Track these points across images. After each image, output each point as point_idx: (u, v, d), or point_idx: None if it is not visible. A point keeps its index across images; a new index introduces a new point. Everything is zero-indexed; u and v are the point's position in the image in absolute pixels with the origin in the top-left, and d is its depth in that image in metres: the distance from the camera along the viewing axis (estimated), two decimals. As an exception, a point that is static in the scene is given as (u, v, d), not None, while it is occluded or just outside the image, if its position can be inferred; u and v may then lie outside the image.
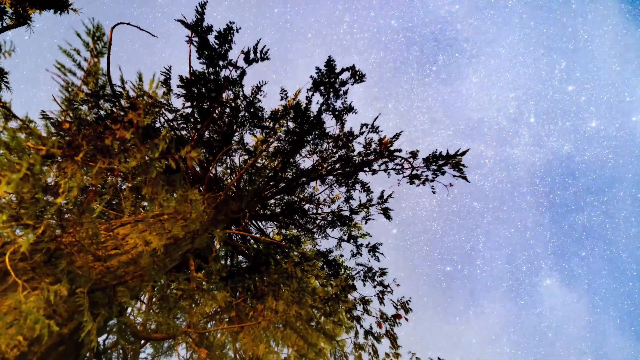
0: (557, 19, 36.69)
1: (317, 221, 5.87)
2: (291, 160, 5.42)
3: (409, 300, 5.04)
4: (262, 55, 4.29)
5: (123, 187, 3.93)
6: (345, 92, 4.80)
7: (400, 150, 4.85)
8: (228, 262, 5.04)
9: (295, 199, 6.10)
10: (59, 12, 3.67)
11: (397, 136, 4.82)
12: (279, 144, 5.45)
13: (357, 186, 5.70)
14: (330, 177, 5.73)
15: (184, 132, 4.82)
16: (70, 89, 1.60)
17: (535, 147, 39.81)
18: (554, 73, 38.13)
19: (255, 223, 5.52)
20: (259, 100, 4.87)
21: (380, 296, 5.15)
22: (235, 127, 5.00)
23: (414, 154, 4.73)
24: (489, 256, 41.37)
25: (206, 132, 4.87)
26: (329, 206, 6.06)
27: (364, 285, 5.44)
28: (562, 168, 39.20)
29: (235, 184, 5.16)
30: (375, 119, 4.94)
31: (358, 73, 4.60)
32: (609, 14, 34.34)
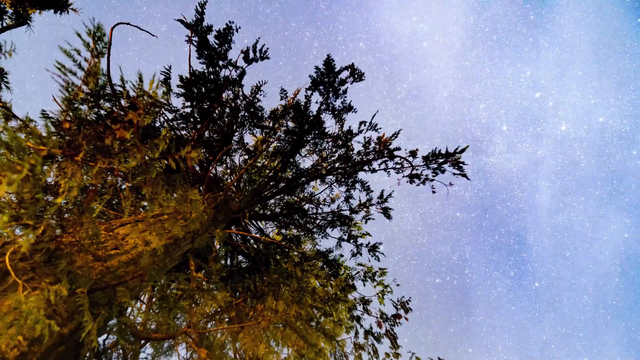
0: (517, 30, 38.72)
1: (317, 221, 5.87)
2: (291, 159, 5.42)
3: (409, 300, 5.05)
4: (262, 55, 4.29)
5: (123, 187, 3.93)
6: (345, 91, 4.80)
7: (399, 149, 4.85)
8: (228, 262, 5.04)
9: (295, 198, 6.10)
10: (59, 12, 3.67)
11: (396, 134, 4.82)
12: (278, 144, 5.45)
13: (357, 185, 5.70)
14: (330, 177, 5.73)
15: (184, 132, 4.82)
16: (70, 89, 1.60)
17: (510, 154, 41.19)
18: (520, 82, 39.86)
19: (255, 223, 5.52)
20: (259, 100, 4.86)
21: (380, 296, 5.15)
22: (235, 127, 5.00)
23: (413, 153, 4.73)
24: (477, 265, 42.37)
25: (206, 132, 4.87)
26: (329, 206, 6.06)
27: (364, 285, 5.44)
28: (537, 172, 40.53)
29: (235, 184, 5.17)
30: (374, 116, 4.93)
31: (357, 72, 4.60)
32: (566, 23, 36.32)
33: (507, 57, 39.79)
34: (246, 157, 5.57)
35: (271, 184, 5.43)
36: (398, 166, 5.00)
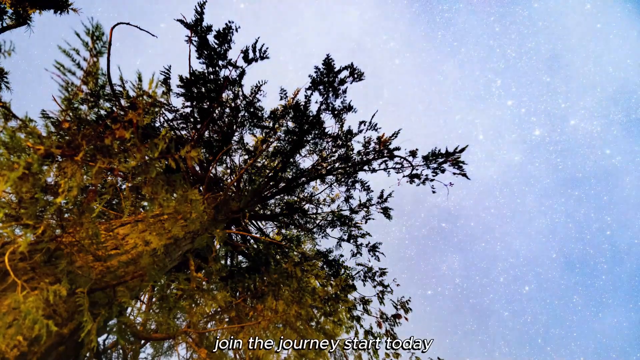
0: (484, 43, 40.43)
1: (317, 221, 5.87)
2: (291, 160, 5.42)
3: (409, 300, 5.04)
4: (262, 54, 4.29)
5: (123, 187, 3.93)
6: (345, 91, 4.80)
7: (399, 149, 4.84)
8: (228, 262, 5.04)
9: (295, 198, 6.10)
10: (59, 12, 3.67)
11: (396, 134, 4.82)
12: (278, 144, 5.44)
13: (357, 185, 5.70)
14: (330, 177, 5.73)
15: (183, 132, 4.82)
16: (69, 89, 1.60)
17: (489, 161, 42.31)
18: (491, 91, 41.43)
19: (255, 223, 5.51)
20: (259, 100, 4.86)
21: (380, 296, 5.14)
22: (235, 127, 4.99)
23: (413, 153, 4.73)
24: (466, 273, 42.80)
25: (206, 132, 4.87)
26: (329, 206, 6.06)
27: (364, 285, 5.44)
28: (517, 177, 41.51)
29: (235, 184, 5.16)
30: (373, 116, 4.93)
31: (357, 71, 4.60)
32: (529, 33, 37.93)
33: (477, 69, 41.45)
34: (246, 157, 5.57)
35: (271, 184, 5.43)
36: (398, 166, 5.00)
